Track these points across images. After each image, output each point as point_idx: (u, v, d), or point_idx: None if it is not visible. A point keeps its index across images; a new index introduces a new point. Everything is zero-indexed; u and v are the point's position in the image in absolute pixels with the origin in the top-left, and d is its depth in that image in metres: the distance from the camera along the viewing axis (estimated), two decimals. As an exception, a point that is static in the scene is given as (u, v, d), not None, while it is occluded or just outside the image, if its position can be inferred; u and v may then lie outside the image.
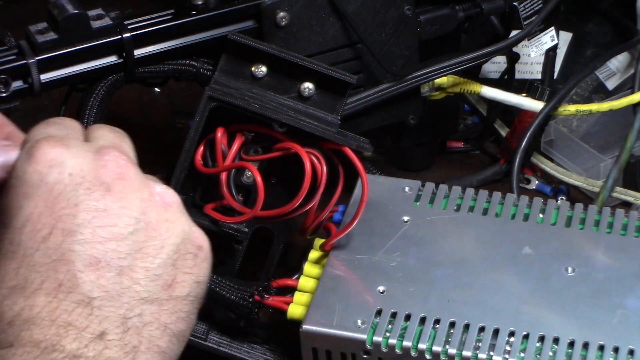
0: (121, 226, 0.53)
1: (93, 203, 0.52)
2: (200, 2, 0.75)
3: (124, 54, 0.71)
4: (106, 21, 0.71)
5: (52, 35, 0.69)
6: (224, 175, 0.69)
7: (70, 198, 0.52)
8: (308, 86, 0.69)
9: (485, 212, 0.73)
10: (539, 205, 0.73)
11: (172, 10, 0.75)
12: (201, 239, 0.56)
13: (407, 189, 0.75)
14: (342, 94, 0.69)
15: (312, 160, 0.67)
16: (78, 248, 0.52)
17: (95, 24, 0.70)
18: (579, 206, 0.73)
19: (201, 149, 0.69)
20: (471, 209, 0.74)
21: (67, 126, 0.57)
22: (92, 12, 0.71)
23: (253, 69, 0.70)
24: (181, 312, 0.54)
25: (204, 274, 0.56)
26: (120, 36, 0.71)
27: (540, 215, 0.73)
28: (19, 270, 0.51)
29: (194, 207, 0.71)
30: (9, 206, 0.53)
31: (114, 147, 0.55)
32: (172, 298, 0.54)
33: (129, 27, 0.71)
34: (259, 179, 0.67)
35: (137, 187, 0.54)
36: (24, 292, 0.51)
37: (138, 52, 0.72)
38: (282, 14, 0.75)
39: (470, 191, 0.75)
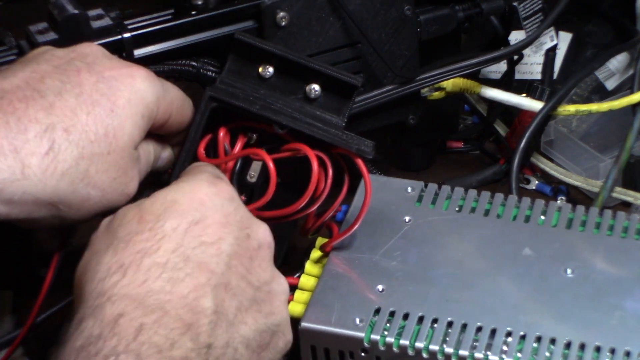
0: None
1: None
2: (200, 2, 0.75)
3: (124, 54, 0.71)
4: (106, 21, 0.71)
5: (52, 35, 0.69)
6: (226, 175, 0.69)
7: None
8: (314, 88, 0.69)
9: (486, 213, 0.73)
10: (540, 206, 0.73)
11: (172, 10, 0.75)
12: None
13: (409, 189, 0.75)
14: (348, 96, 0.69)
15: (319, 163, 0.67)
16: None
17: (95, 24, 0.70)
18: (580, 208, 0.73)
19: (203, 150, 0.69)
20: (473, 210, 0.74)
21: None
22: (92, 12, 0.71)
23: (260, 69, 0.69)
24: None
25: None
26: (120, 36, 0.71)
27: (542, 217, 0.73)
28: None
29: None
30: None
31: None
32: None
33: (129, 27, 0.72)
34: (271, 165, 0.66)
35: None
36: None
37: (138, 52, 0.72)
38: (282, 14, 0.75)
39: (472, 192, 0.75)
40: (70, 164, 0.59)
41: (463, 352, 0.63)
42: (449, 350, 0.64)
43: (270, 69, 0.69)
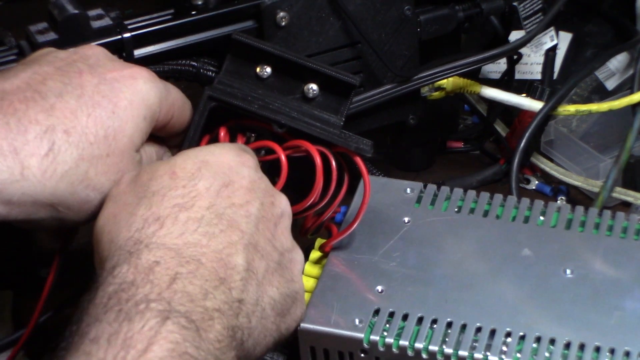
0: None
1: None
2: (200, 2, 0.75)
3: (124, 54, 0.71)
4: (106, 21, 0.71)
5: (52, 35, 0.69)
6: None
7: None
8: (312, 87, 0.69)
9: (485, 213, 0.73)
10: (539, 207, 0.73)
11: (172, 10, 0.75)
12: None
13: (408, 190, 0.75)
14: (346, 95, 0.69)
15: (321, 157, 0.67)
16: None
17: (95, 24, 0.70)
18: (580, 209, 0.73)
19: None
20: (472, 210, 0.74)
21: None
22: (92, 12, 0.71)
23: (258, 69, 0.70)
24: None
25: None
26: (120, 36, 0.71)
27: (541, 218, 0.73)
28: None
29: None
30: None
31: None
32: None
33: (129, 27, 0.72)
34: (283, 157, 0.67)
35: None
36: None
37: (138, 52, 0.72)
38: (282, 14, 0.75)
39: (471, 193, 0.75)
40: (69, 165, 0.59)
41: (462, 353, 0.63)
42: (448, 350, 0.64)
43: (268, 69, 0.69)
